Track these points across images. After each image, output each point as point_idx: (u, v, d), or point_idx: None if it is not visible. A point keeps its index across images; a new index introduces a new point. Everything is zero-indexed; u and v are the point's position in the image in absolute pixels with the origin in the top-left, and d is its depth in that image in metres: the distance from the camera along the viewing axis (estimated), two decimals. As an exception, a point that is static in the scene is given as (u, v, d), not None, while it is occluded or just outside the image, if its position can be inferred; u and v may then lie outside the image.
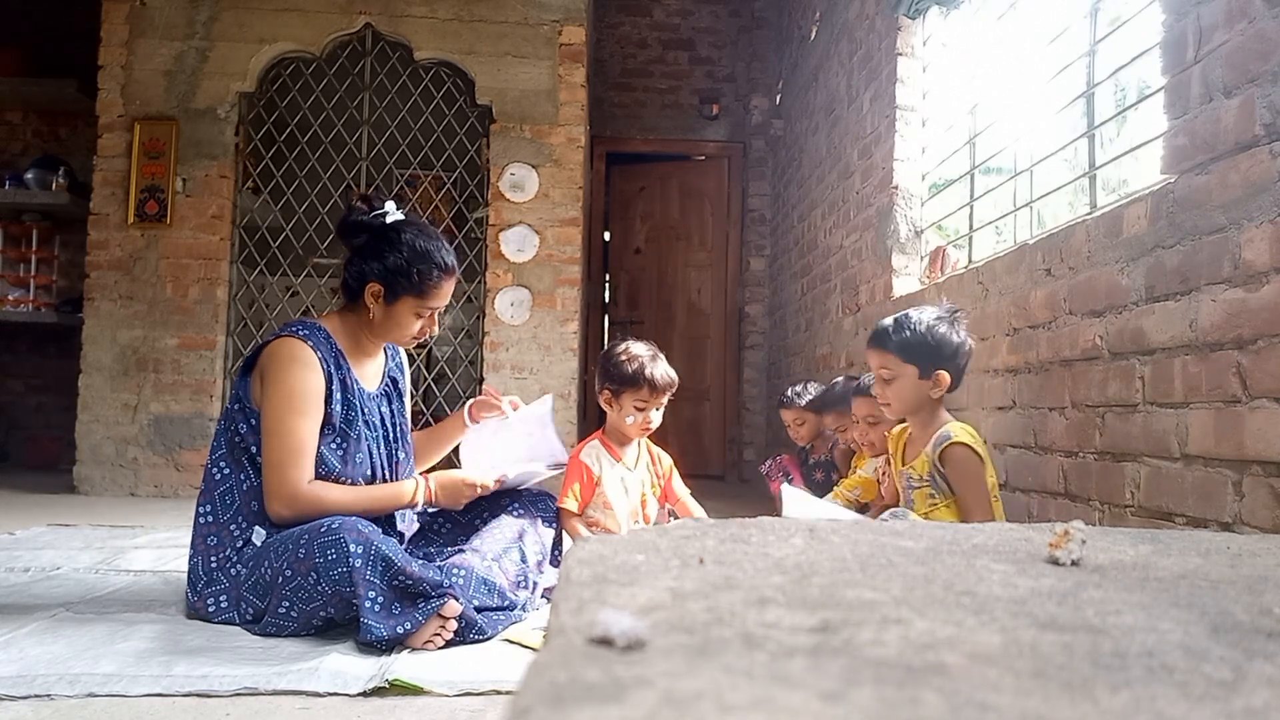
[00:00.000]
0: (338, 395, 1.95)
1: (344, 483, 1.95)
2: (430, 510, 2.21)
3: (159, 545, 2.82)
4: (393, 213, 2.01)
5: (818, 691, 0.42)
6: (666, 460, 2.52)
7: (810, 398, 3.33)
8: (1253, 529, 1.53)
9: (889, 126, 3.52)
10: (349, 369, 1.99)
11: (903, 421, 2.24)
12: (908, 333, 2.04)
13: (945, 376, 2.04)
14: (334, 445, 1.94)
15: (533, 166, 4.47)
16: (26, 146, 5.54)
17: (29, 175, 5.02)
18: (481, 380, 4.46)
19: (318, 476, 1.91)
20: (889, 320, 2.12)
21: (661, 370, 2.31)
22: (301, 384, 1.89)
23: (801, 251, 5.05)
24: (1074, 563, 0.81)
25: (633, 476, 2.40)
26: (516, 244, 4.45)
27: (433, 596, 1.71)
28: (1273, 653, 0.54)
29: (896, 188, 3.45)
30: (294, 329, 1.95)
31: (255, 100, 4.51)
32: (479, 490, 2.03)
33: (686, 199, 6.24)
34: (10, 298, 5.16)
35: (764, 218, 6.12)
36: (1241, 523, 1.57)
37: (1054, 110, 2.52)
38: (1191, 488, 1.70)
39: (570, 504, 2.30)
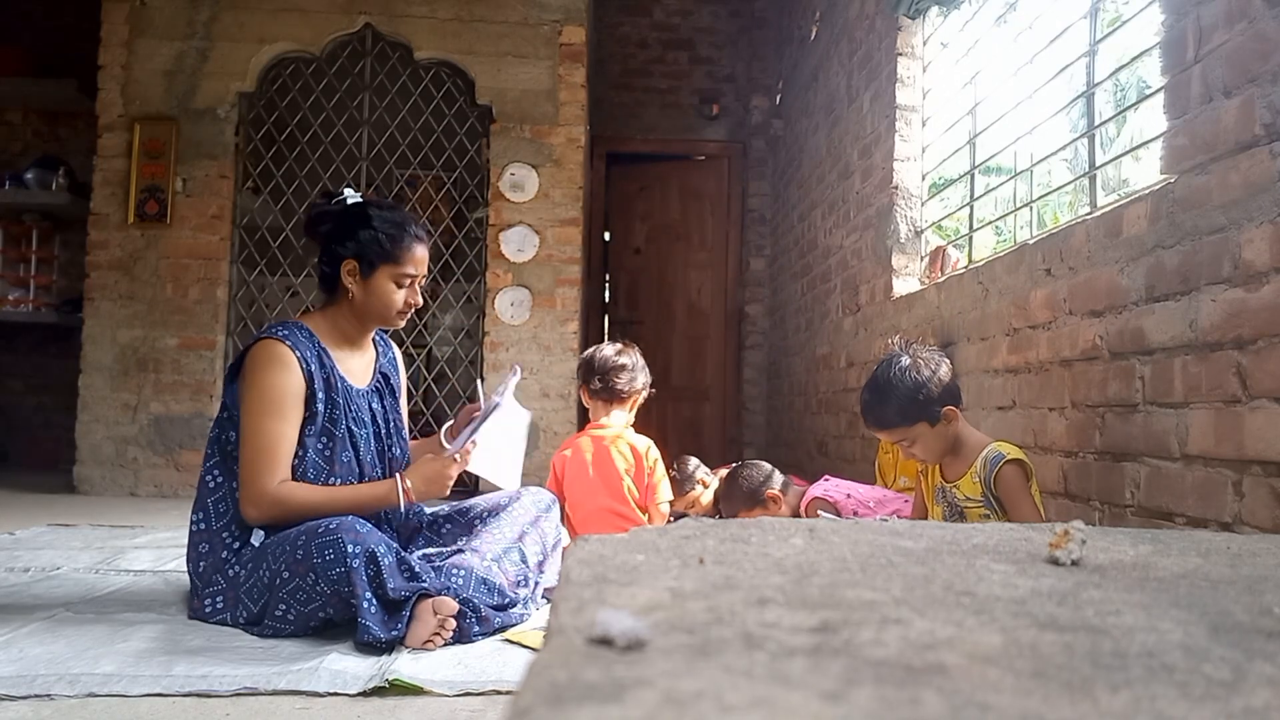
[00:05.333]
0: (320, 395, 1.93)
1: (332, 483, 1.93)
2: (426, 508, 2.21)
3: (159, 545, 2.82)
4: (353, 195, 2.03)
5: (818, 691, 0.42)
6: None
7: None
8: (1253, 529, 1.53)
9: (889, 126, 3.51)
10: (333, 367, 1.98)
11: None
12: (894, 403, 2.05)
13: (953, 410, 2.06)
14: (320, 445, 1.93)
15: (533, 166, 4.47)
16: (26, 146, 5.53)
17: (29, 175, 5.01)
18: (482, 380, 4.46)
19: (306, 477, 1.90)
20: (867, 396, 2.12)
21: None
22: (274, 385, 1.87)
23: (801, 251, 5.05)
24: (1074, 563, 0.81)
25: None
26: (516, 244, 4.45)
27: (415, 594, 1.73)
28: (1273, 653, 0.54)
29: (896, 188, 3.45)
30: (273, 330, 1.95)
31: (255, 100, 4.51)
32: (456, 465, 1.96)
33: (686, 199, 6.24)
34: (10, 298, 5.16)
35: (764, 218, 6.11)
36: (1241, 523, 1.57)
37: (1054, 110, 2.52)
38: (1191, 488, 1.70)
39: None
